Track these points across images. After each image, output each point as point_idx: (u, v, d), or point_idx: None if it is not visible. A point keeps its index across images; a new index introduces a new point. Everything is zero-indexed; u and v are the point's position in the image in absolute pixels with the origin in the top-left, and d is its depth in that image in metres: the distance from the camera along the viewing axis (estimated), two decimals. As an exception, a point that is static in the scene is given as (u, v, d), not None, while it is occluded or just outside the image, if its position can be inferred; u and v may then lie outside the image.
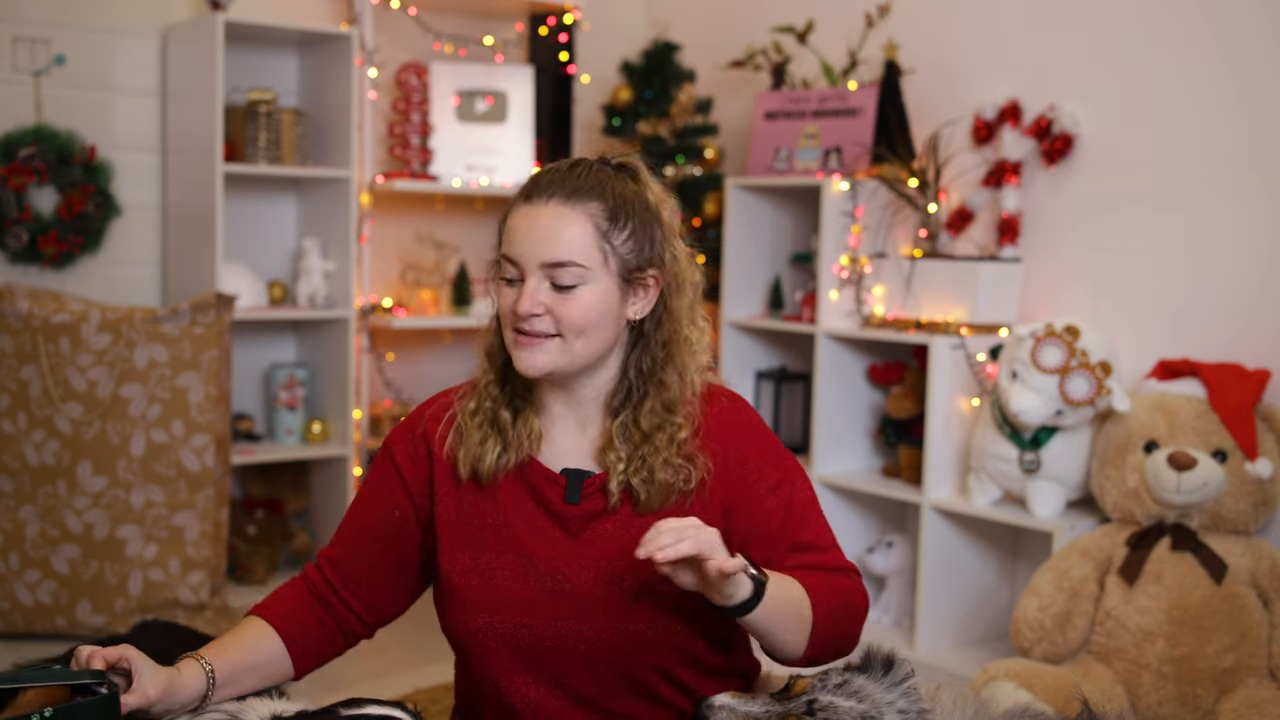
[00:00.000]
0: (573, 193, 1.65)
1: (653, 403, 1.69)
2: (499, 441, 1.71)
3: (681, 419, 1.69)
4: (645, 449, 1.67)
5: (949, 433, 3.56)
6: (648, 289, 1.70)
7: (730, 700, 1.60)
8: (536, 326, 1.64)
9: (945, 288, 3.58)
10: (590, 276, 1.64)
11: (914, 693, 1.60)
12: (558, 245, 1.63)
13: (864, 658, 1.64)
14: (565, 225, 1.63)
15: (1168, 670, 2.94)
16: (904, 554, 3.81)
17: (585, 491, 1.69)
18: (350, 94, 3.94)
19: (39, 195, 3.77)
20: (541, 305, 1.63)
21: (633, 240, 1.67)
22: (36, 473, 3.33)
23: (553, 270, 1.63)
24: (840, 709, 1.54)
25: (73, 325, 3.32)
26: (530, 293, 1.63)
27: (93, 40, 3.85)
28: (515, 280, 1.66)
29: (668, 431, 1.68)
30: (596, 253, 1.64)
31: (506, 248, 1.67)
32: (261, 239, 4.16)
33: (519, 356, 1.66)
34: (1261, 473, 3.02)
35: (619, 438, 1.68)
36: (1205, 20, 3.30)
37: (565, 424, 1.73)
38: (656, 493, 1.66)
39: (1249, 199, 3.23)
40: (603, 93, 4.56)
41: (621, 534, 1.67)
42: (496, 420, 1.72)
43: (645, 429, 1.68)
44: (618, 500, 1.67)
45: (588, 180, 1.67)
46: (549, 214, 1.64)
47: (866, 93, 3.83)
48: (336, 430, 4.09)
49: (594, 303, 1.64)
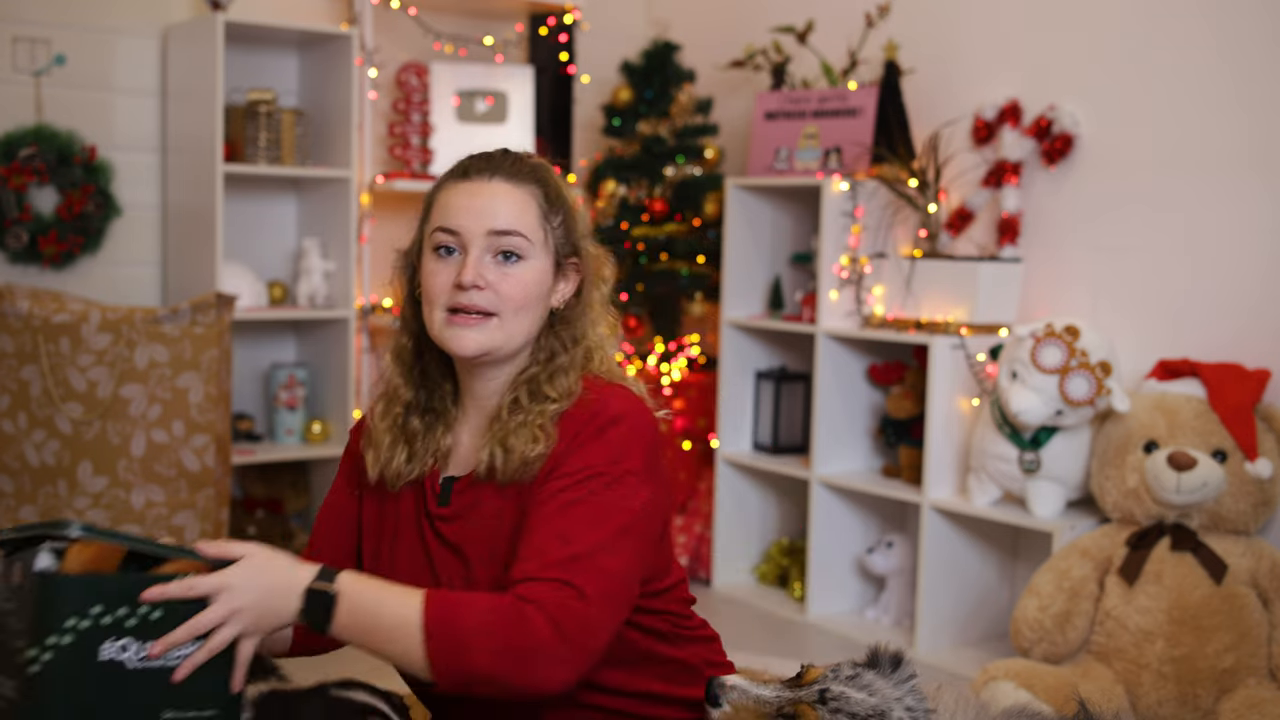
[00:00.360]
0: (513, 174, 1.67)
1: (540, 376, 1.66)
2: (406, 449, 1.70)
3: (557, 395, 1.64)
4: (519, 419, 1.63)
5: (949, 433, 3.56)
6: (569, 278, 1.71)
7: (741, 681, 1.59)
8: (476, 301, 1.61)
9: (945, 288, 3.58)
10: (532, 251, 1.65)
11: (919, 691, 1.60)
12: (505, 215, 1.63)
13: (871, 655, 1.65)
14: (512, 199, 1.65)
15: (1168, 670, 2.94)
16: (904, 554, 3.81)
17: (455, 490, 1.68)
18: (350, 94, 3.94)
19: (39, 195, 3.77)
20: (484, 278, 1.62)
21: (564, 227, 1.69)
22: (37, 473, 3.33)
23: (499, 239, 1.63)
24: (853, 700, 1.54)
25: (73, 325, 3.32)
26: (474, 263, 1.62)
27: (93, 40, 3.85)
28: (453, 251, 1.64)
29: (542, 404, 1.63)
30: (538, 229, 1.66)
31: (444, 220, 1.65)
32: (261, 239, 4.16)
33: (454, 336, 1.63)
34: (1261, 473, 3.02)
35: (506, 411, 1.65)
36: (1205, 20, 3.30)
37: (472, 428, 1.71)
38: (514, 462, 1.61)
39: (1249, 199, 3.23)
40: (603, 93, 4.56)
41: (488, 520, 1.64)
42: (406, 427, 1.71)
43: (523, 401, 1.65)
44: (484, 472, 1.63)
45: (524, 167, 1.69)
46: (493, 188, 1.65)
47: (866, 93, 3.83)
48: (336, 430, 4.09)
49: (533, 280, 1.65)
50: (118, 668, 1.41)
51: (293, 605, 1.46)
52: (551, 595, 1.46)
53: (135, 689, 1.42)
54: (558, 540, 1.51)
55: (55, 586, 1.39)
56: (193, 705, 1.45)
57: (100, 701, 1.40)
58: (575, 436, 1.60)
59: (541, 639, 1.43)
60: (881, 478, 3.86)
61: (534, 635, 1.43)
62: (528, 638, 1.43)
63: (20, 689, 1.39)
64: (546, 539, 1.52)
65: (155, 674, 1.43)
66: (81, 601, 1.39)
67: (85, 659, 1.39)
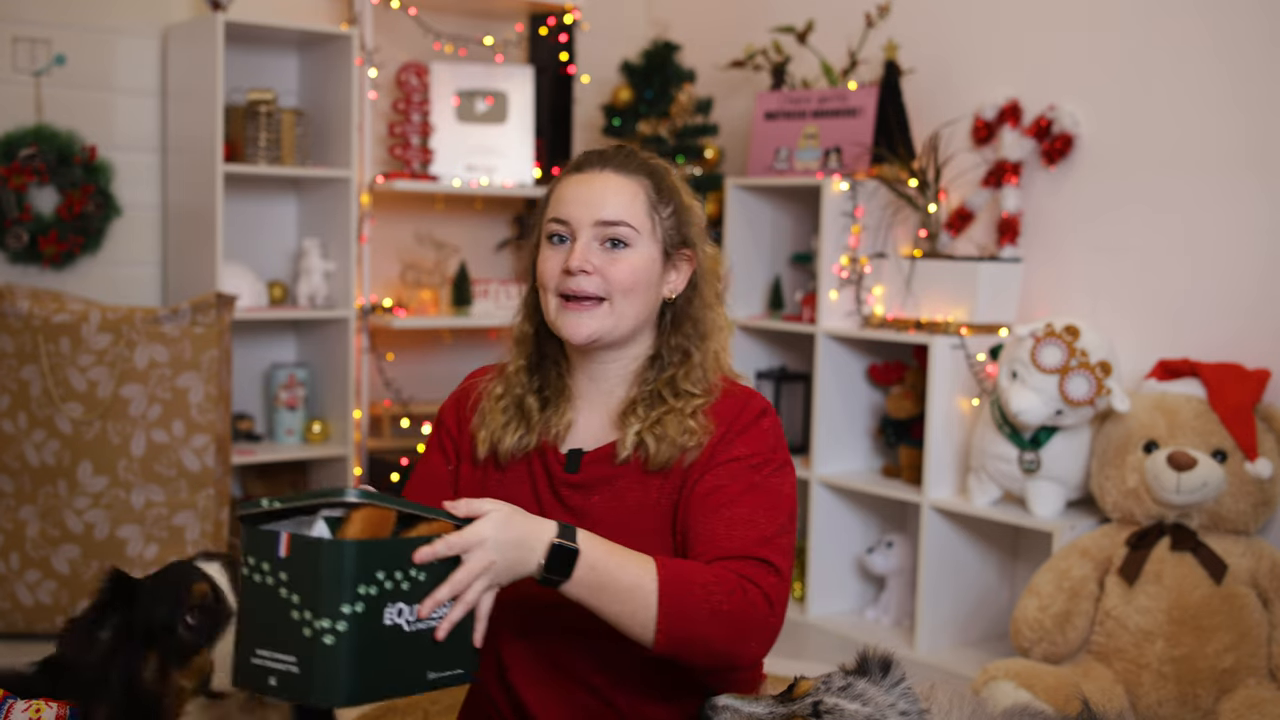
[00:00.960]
0: (623, 166, 1.76)
1: (679, 374, 1.76)
2: (521, 426, 1.77)
3: (700, 391, 1.75)
4: (663, 410, 1.73)
5: (949, 433, 3.56)
6: (680, 269, 1.79)
7: (733, 701, 1.60)
8: (584, 286, 1.70)
9: (945, 288, 3.58)
10: (639, 240, 1.72)
11: (912, 693, 1.60)
12: (613, 205, 1.72)
13: (860, 660, 1.65)
14: (620, 189, 1.73)
15: (1168, 670, 2.94)
16: (904, 554, 3.81)
17: (585, 461, 1.75)
18: (350, 94, 3.94)
19: (39, 195, 3.77)
20: (591, 264, 1.70)
21: (674, 219, 1.77)
22: (37, 473, 3.33)
23: (606, 228, 1.71)
24: (846, 712, 1.54)
25: (73, 325, 3.32)
26: (581, 250, 1.70)
27: (93, 40, 3.85)
28: (564, 239, 1.73)
29: (686, 400, 1.74)
30: (646, 219, 1.74)
31: (556, 211, 1.74)
32: (261, 239, 4.17)
33: (567, 322, 1.72)
34: (1261, 473, 3.02)
35: (642, 405, 1.75)
36: (1204, 21, 3.30)
37: (591, 409, 1.79)
38: (666, 449, 1.70)
39: (1249, 199, 3.23)
40: (603, 93, 4.56)
41: (624, 497, 1.72)
42: (522, 406, 1.78)
43: (667, 397, 1.74)
44: (629, 455, 1.72)
45: (635, 159, 1.78)
46: (603, 179, 1.74)
47: (866, 93, 3.83)
48: (336, 430, 4.09)
49: (640, 266, 1.72)
50: (398, 631, 1.41)
51: (535, 558, 1.50)
52: (760, 573, 1.59)
53: (409, 652, 1.42)
54: (745, 523, 1.64)
55: (343, 554, 1.36)
56: (447, 665, 1.47)
57: (382, 667, 1.40)
58: (729, 428, 1.71)
59: (760, 611, 1.57)
60: (881, 478, 3.86)
61: (753, 607, 1.57)
62: (748, 609, 1.56)
63: (304, 661, 1.37)
64: (735, 522, 1.64)
65: (421, 636, 1.44)
66: (368, 568, 1.38)
67: (374, 625, 1.38)
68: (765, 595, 1.59)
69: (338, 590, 1.36)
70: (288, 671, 1.38)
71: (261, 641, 1.40)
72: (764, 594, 1.59)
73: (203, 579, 1.65)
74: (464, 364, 4.61)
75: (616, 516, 1.72)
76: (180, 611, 1.61)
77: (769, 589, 1.59)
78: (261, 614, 1.40)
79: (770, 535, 1.64)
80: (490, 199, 4.57)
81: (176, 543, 3.39)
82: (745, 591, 1.57)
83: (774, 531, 1.65)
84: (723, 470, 1.69)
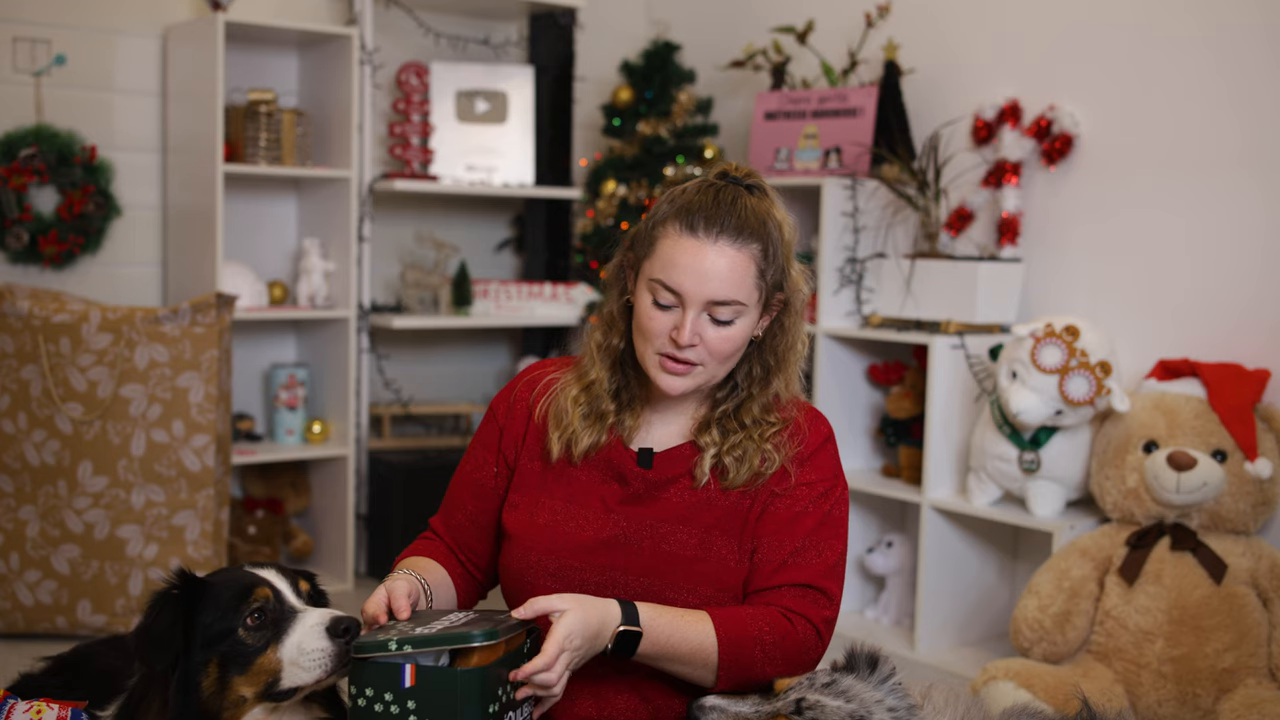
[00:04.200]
0: (739, 232, 1.74)
1: (756, 403, 1.83)
2: (598, 428, 1.84)
3: (775, 419, 1.83)
4: (741, 436, 1.81)
5: (949, 433, 3.56)
6: (773, 310, 1.83)
7: (720, 701, 1.63)
8: (690, 356, 1.76)
9: (945, 288, 3.58)
10: (745, 313, 1.77)
11: (901, 689, 1.61)
12: (727, 286, 1.73)
13: (848, 657, 1.67)
14: (733, 266, 1.73)
15: (1167, 670, 2.94)
16: (904, 554, 3.81)
17: (657, 460, 1.83)
18: (350, 94, 3.94)
19: (39, 195, 3.77)
20: (699, 337, 1.75)
21: (775, 271, 1.79)
22: (37, 473, 3.33)
23: (716, 308, 1.74)
24: (828, 708, 1.55)
25: (73, 325, 3.32)
26: (690, 324, 1.74)
27: (93, 40, 3.86)
28: (670, 307, 1.76)
29: (763, 428, 1.82)
30: (754, 290, 1.76)
31: (665, 276, 1.74)
32: (261, 239, 4.17)
33: (663, 379, 1.78)
34: (1261, 473, 3.02)
35: (716, 426, 1.82)
36: (1204, 21, 3.30)
37: (664, 415, 1.87)
38: (745, 473, 1.79)
39: (1248, 199, 3.23)
40: (603, 93, 4.56)
41: (690, 498, 1.80)
42: (600, 410, 1.85)
43: (746, 423, 1.82)
44: (707, 478, 1.80)
45: (750, 219, 1.75)
46: (717, 253, 1.73)
47: (866, 93, 3.83)
48: (336, 430, 4.09)
49: (740, 336, 1.78)
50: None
51: (603, 643, 1.65)
52: (816, 607, 1.75)
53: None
54: (813, 552, 1.78)
55: (476, 680, 1.50)
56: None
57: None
58: (799, 451, 1.82)
59: (809, 644, 1.74)
60: (881, 478, 3.86)
61: (803, 643, 1.73)
62: (799, 646, 1.73)
63: None
64: (804, 551, 1.78)
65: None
66: (492, 688, 1.52)
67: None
68: (816, 630, 1.74)
69: (475, 713, 1.50)
70: None
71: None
72: (815, 629, 1.74)
73: (263, 583, 1.68)
74: (464, 364, 4.62)
75: (682, 512, 1.80)
76: (242, 615, 1.64)
77: (820, 623, 1.74)
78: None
79: (833, 564, 1.78)
80: (490, 199, 4.57)
81: (176, 543, 3.39)
82: (796, 630, 1.72)
83: (835, 560, 1.79)
84: (795, 496, 1.80)
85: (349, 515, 4.05)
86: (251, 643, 1.63)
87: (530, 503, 1.85)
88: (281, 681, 1.63)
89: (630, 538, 1.80)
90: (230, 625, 1.63)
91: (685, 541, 1.79)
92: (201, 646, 1.63)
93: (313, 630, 1.62)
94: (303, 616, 1.64)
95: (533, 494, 1.86)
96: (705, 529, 1.79)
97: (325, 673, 1.61)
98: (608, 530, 1.80)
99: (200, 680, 1.62)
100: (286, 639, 1.63)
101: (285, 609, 1.66)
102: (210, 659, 1.63)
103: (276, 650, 1.63)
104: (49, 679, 2.05)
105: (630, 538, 1.80)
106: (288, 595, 1.68)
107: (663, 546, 1.79)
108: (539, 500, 1.85)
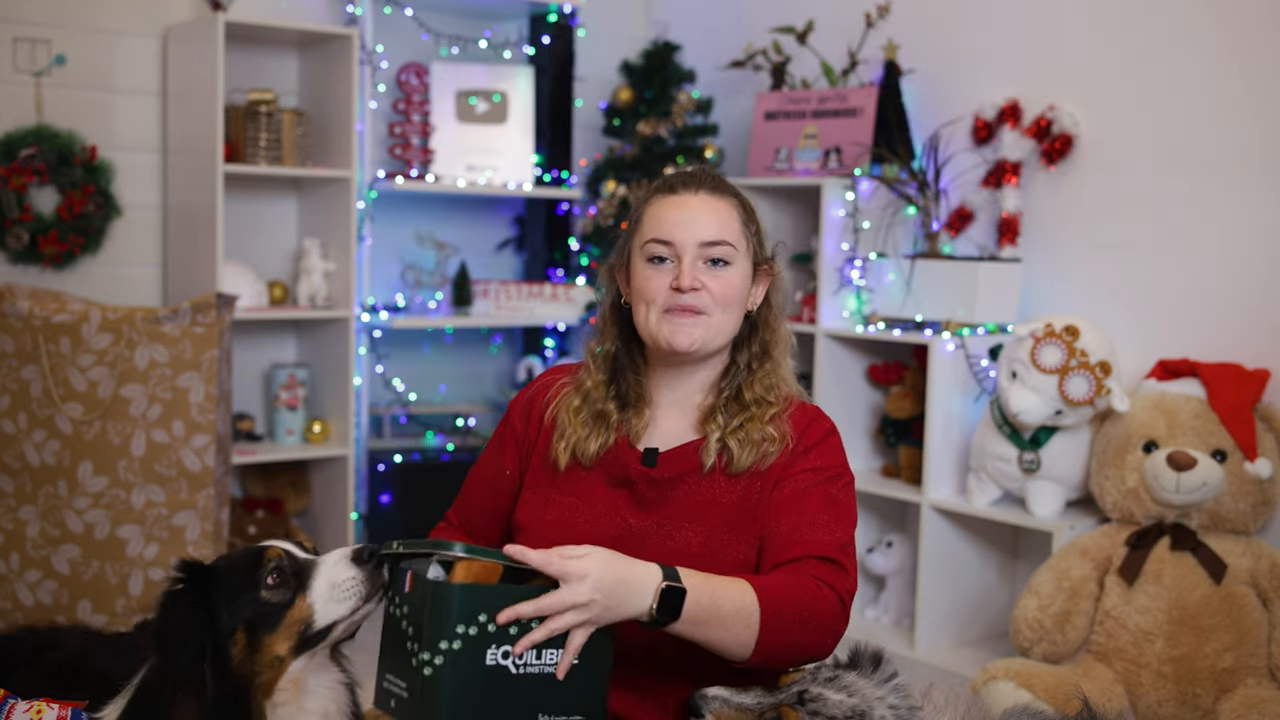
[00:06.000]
0: (715, 188, 1.88)
1: (757, 381, 1.88)
2: (603, 431, 1.87)
3: (775, 398, 1.87)
4: (744, 417, 1.84)
5: (949, 433, 3.56)
6: (761, 284, 1.91)
7: (723, 691, 1.64)
8: (693, 301, 1.81)
9: (945, 288, 3.58)
10: (737, 257, 1.85)
11: (903, 688, 1.62)
12: (715, 226, 1.84)
13: (851, 655, 1.68)
14: (718, 210, 1.86)
15: (1167, 670, 2.94)
16: (904, 554, 3.81)
17: (662, 458, 1.85)
18: (350, 94, 3.94)
19: (39, 195, 3.77)
20: (699, 281, 1.81)
21: (758, 237, 1.91)
22: (37, 473, 3.33)
23: (710, 248, 1.83)
24: (830, 701, 1.56)
25: (73, 325, 3.32)
26: (689, 269, 1.81)
27: (93, 40, 3.85)
28: (666, 261, 1.83)
29: (764, 408, 1.85)
30: (742, 237, 1.87)
31: (657, 232, 1.84)
32: (262, 239, 4.17)
33: (674, 331, 1.82)
34: (1261, 473, 3.02)
35: (721, 410, 1.86)
36: (1205, 21, 3.30)
37: (669, 412, 1.90)
38: (749, 455, 1.81)
39: (1249, 199, 3.23)
40: (603, 93, 4.56)
41: (697, 496, 1.82)
42: (602, 414, 1.88)
43: (747, 401, 1.86)
44: (714, 462, 1.82)
45: (722, 181, 1.91)
46: (700, 201, 1.86)
47: (866, 93, 3.83)
48: (336, 430, 4.09)
49: (738, 281, 1.85)
50: (503, 672, 1.52)
51: (646, 601, 1.59)
52: (835, 575, 1.73)
53: (519, 693, 1.53)
54: (825, 528, 1.78)
55: (447, 596, 1.50)
56: (564, 710, 1.57)
57: (484, 703, 1.51)
58: (803, 438, 1.84)
59: (836, 613, 1.71)
60: (881, 478, 3.86)
61: (833, 610, 1.71)
62: (828, 610, 1.70)
63: (412, 688, 1.52)
64: (816, 525, 1.78)
65: (532, 679, 1.54)
66: (470, 610, 1.50)
67: (473, 664, 1.51)
68: (839, 596, 1.72)
69: (439, 626, 1.49)
70: (401, 696, 1.53)
71: (389, 667, 1.57)
72: (838, 595, 1.72)
73: (271, 546, 1.69)
74: (464, 364, 4.62)
75: (689, 510, 1.82)
76: (260, 578, 1.65)
77: (842, 591, 1.73)
78: (390, 642, 1.58)
79: (844, 542, 1.79)
80: (490, 199, 4.56)
81: (177, 543, 3.39)
82: (824, 596, 1.70)
83: (846, 539, 1.79)
84: (801, 478, 1.81)
85: (349, 515, 4.05)
86: (277, 600, 1.64)
87: (541, 500, 1.90)
88: (315, 623, 1.64)
89: (638, 535, 1.82)
90: (252, 592, 1.64)
91: (692, 539, 1.81)
92: (227, 622, 1.63)
93: (339, 563, 1.65)
94: (323, 559, 1.68)
95: (543, 491, 1.90)
96: (712, 526, 1.81)
97: (361, 599, 1.63)
98: (615, 527, 1.83)
99: (230, 650, 1.62)
100: (314, 583, 1.65)
101: (301, 561, 1.68)
102: (236, 628, 1.63)
103: (305, 598, 1.65)
104: (49, 680, 2.05)
105: (638, 535, 1.82)
106: (298, 553, 1.70)
107: (669, 543, 1.81)
108: (549, 497, 1.89)
